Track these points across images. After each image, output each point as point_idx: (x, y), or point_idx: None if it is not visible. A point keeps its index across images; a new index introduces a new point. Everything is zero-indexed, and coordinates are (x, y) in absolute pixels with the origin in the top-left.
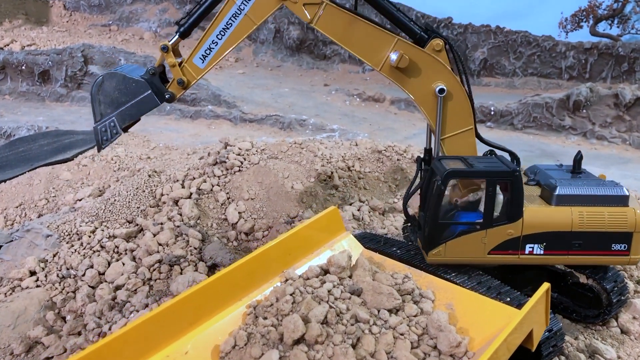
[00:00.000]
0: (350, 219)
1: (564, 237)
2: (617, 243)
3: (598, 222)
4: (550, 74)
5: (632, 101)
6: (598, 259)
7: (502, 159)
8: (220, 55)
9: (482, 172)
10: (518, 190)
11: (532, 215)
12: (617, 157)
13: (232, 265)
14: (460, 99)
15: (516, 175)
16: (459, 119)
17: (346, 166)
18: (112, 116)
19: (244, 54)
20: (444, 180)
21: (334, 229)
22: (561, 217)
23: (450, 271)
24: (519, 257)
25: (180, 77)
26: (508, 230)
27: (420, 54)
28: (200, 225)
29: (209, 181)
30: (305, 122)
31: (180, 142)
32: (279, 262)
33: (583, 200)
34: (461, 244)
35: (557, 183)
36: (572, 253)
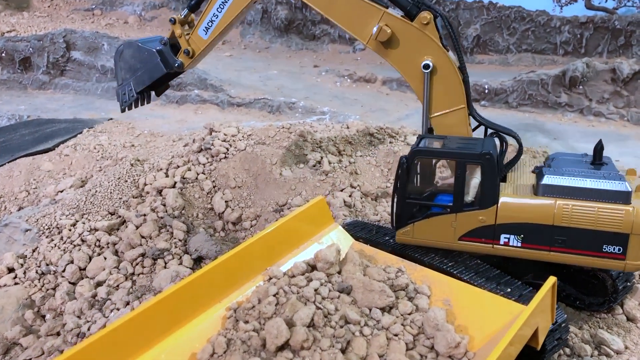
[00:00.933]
0: (341, 205)
1: (544, 231)
2: (609, 245)
3: (586, 219)
4: (545, 50)
5: (630, 76)
6: (585, 260)
7: (485, 141)
8: (221, 28)
9: (450, 153)
10: (489, 174)
11: (508, 203)
12: (615, 133)
13: (211, 264)
14: (450, 76)
15: (487, 159)
16: (449, 97)
17: (337, 150)
18: (130, 80)
19: (231, 36)
20: (409, 158)
21: (321, 221)
22: (541, 209)
23: (447, 261)
24: (492, 247)
25: (186, 47)
26: (479, 217)
27: (407, 28)
28: (185, 215)
29: (194, 169)
30: (295, 104)
31: (166, 129)
32: (262, 258)
33: (572, 193)
34: (430, 226)
35: (546, 172)
36: (554, 250)
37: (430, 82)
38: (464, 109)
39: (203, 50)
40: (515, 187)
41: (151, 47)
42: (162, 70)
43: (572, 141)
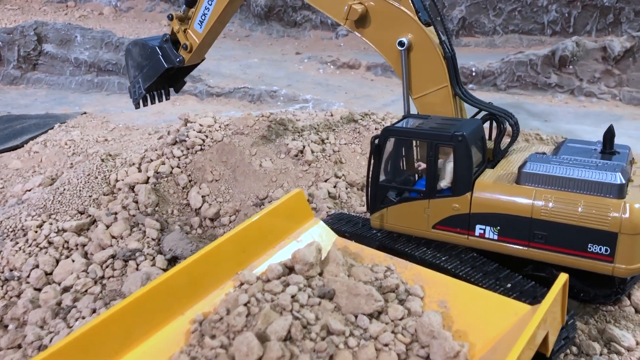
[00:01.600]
0: (325, 197)
1: (522, 224)
2: (595, 244)
3: (569, 213)
4: (532, 30)
5: (622, 54)
6: (568, 260)
7: (466, 122)
8: (214, 20)
9: (422, 133)
10: (462, 158)
11: (483, 190)
12: (608, 114)
13: (173, 270)
14: (428, 53)
15: (459, 141)
16: (430, 76)
17: (319, 139)
18: (138, 77)
19: None
20: (380, 137)
21: (299, 216)
22: (519, 199)
23: (440, 255)
24: (467, 238)
25: (184, 41)
26: (453, 205)
27: (381, 4)
28: (159, 212)
29: (168, 163)
30: (276, 93)
31: (142, 122)
32: (232, 261)
33: (555, 183)
34: (403, 212)
35: (531, 158)
36: (533, 245)
37: (408, 60)
38: (447, 87)
39: (201, 43)
40: (500, 174)
41: (154, 44)
42: (163, 65)
43: (563, 123)
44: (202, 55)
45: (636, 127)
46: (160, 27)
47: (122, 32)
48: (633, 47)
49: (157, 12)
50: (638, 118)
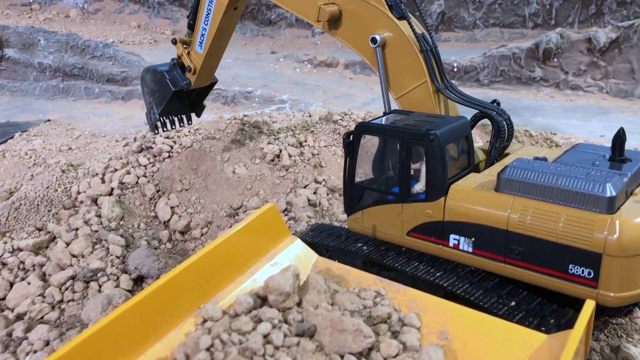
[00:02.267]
0: (304, 205)
1: (498, 237)
2: (577, 265)
3: (548, 227)
4: (513, 23)
5: (607, 45)
6: (546, 281)
7: (446, 120)
8: (211, 39)
9: (394, 130)
10: (435, 160)
11: (457, 196)
12: (596, 107)
13: (123, 306)
14: (404, 48)
15: (430, 140)
16: (407, 72)
17: (297, 142)
18: (152, 103)
19: (181, 26)
20: (353, 134)
21: (273, 235)
22: (494, 208)
23: (434, 271)
24: (441, 248)
25: (188, 64)
26: (426, 210)
27: (351, 2)
28: (124, 227)
29: (134, 172)
30: (252, 94)
31: (110, 128)
32: (194, 293)
33: (536, 192)
34: (378, 215)
35: (515, 163)
36: (510, 262)
37: (384, 56)
38: (426, 83)
39: (203, 64)
40: (484, 180)
41: (162, 69)
42: (170, 89)
43: (551, 118)
44: (210, 76)
45: (626, 120)
46: (130, 28)
47: (89, 35)
48: (618, 38)
49: (126, 14)
50: (627, 111)
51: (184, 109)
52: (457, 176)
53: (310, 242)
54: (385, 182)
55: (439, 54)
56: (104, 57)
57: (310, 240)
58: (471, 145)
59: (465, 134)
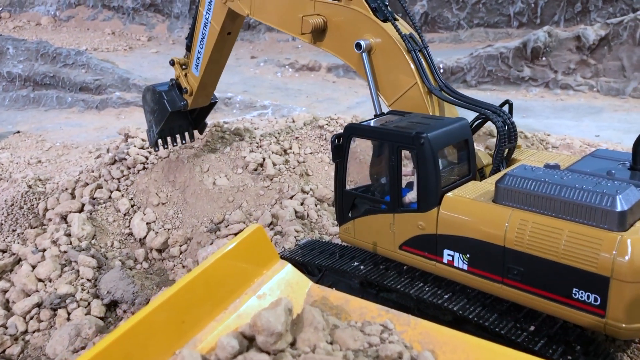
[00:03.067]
0: (291, 218)
1: (495, 254)
2: (582, 289)
3: (548, 244)
4: (498, 23)
5: (596, 42)
6: (547, 306)
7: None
8: (206, 61)
9: (383, 133)
10: (426, 165)
11: (451, 207)
12: (587, 106)
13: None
14: (390, 50)
15: (420, 144)
16: (397, 75)
17: (281, 149)
18: (152, 122)
19: (157, 32)
20: (342, 137)
21: (260, 260)
22: (491, 221)
23: (441, 293)
24: (435, 265)
25: (185, 85)
26: (418, 222)
27: (332, 9)
28: (96, 246)
29: (106, 186)
30: (231, 100)
31: (83, 139)
32: (168, 336)
33: (536, 203)
34: (370, 226)
35: (515, 170)
36: (508, 283)
37: (371, 61)
38: (417, 85)
39: (200, 86)
40: (484, 189)
41: (161, 89)
42: (167, 110)
43: (542, 118)
44: (209, 97)
45: (620, 119)
46: (104, 35)
47: (61, 43)
48: (608, 35)
49: (99, 21)
50: (619, 109)
51: (185, 126)
52: (454, 184)
53: (300, 261)
54: (377, 190)
55: (429, 53)
56: (76, 65)
57: (300, 260)
58: (471, 151)
59: (464, 138)
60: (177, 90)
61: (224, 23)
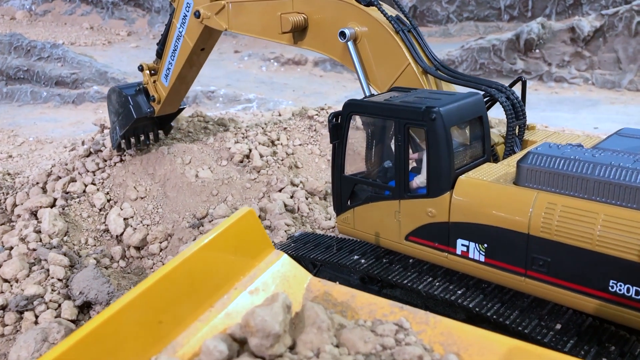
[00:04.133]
0: (281, 211)
1: (517, 243)
2: (621, 281)
3: (581, 231)
4: (488, 16)
5: (591, 34)
6: (579, 301)
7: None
8: (177, 74)
9: (388, 109)
10: (438, 144)
11: (466, 191)
12: (584, 99)
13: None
14: (378, 33)
15: (432, 120)
16: (388, 59)
17: (269, 140)
18: (115, 123)
19: (138, 26)
20: (341, 115)
21: (251, 249)
22: (512, 206)
23: (454, 288)
24: (447, 257)
25: (153, 93)
26: (428, 209)
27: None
28: (69, 243)
29: (81, 180)
30: (215, 93)
31: (58, 134)
32: (142, 339)
33: (565, 184)
34: (372, 215)
35: (537, 148)
36: (532, 275)
37: (358, 50)
38: (410, 66)
39: (168, 95)
40: (501, 171)
41: (127, 93)
42: (132, 116)
43: (538, 111)
44: (177, 106)
45: (617, 111)
46: (82, 30)
47: (36, 37)
48: (603, 27)
49: (77, 15)
50: (616, 102)
51: (150, 126)
52: (467, 166)
53: (294, 255)
54: (380, 174)
55: (420, 33)
56: (52, 59)
57: (293, 254)
58: (486, 129)
59: (478, 114)
60: (144, 96)
61: (198, 40)
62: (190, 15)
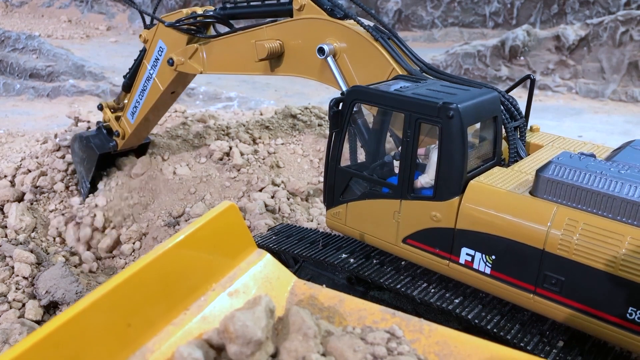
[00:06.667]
0: (262, 211)
1: (530, 258)
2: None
3: (603, 252)
4: (473, 23)
5: (576, 43)
6: (592, 326)
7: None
8: (144, 113)
9: (399, 100)
10: (453, 144)
11: (477, 197)
12: (567, 108)
13: None
14: (358, 44)
15: (449, 117)
16: (371, 70)
17: (250, 138)
18: (83, 172)
19: (117, 21)
20: (343, 101)
21: (232, 247)
22: (528, 218)
23: (450, 296)
24: (448, 265)
25: (117, 129)
26: (433, 213)
27: (288, 28)
28: (36, 240)
29: (51, 174)
30: (194, 91)
31: (30, 127)
32: (108, 343)
33: (589, 201)
34: (367, 212)
35: (559, 157)
36: (542, 294)
37: (340, 65)
38: (395, 70)
39: (134, 131)
40: (514, 178)
41: (88, 134)
42: (96, 154)
43: None
44: (141, 139)
45: (601, 120)
46: (59, 23)
47: (11, 28)
48: (588, 36)
49: (55, 8)
50: (600, 111)
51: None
52: (477, 170)
53: (275, 249)
54: (381, 169)
55: (400, 39)
56: (27, 50)
57: (274, 247)
58: (499, 130)
59: (493, 114)
60: (104, 133)
61: (170, 85)
62: (162, 60)
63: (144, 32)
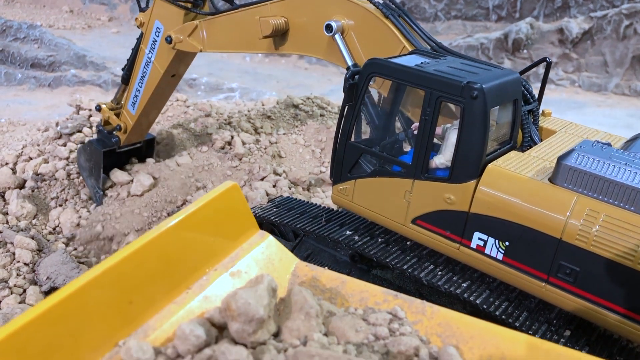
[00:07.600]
0: (263, 200)
1: (545, 246)
2: None
3: (623, 245)
4: (476, 16)
5: (580, 36)
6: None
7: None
8: (145, 101)
9: (420, 76)
10: (475, 125)
11: (495, 181)
12: (570, 101)
13: None
14: (367, 21)
15: (473, 97)
16: (382, 45)
17: (252, 127)
18: (92, 181)
19: (119, 12)
20: (360, 74)
21: (234, 228)
22: (546, 206)
23: (458, 279)
24: (458, 248)
25: (118, 123)
26: (447, 195)
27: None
28: (37, 227)
29: (53, 162)
30: (196, 81)
31: (32, 116)
32: (109, 321)
33: (611, 192)
34: (376, 190)
35: (582, 145)
36: (555, 283)
37: (348, 42)
38: (405, 49)
39: (136, 123)
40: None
41: (88, 140)
42: (100, 152)
43: None
44: (143, 134)
45: (604, 114)
46: (61, 13)
47: (13, 17)
48: (591, 29)
49: None
50: (602, 105)
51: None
52: (494, 153)
53: (275, 222)
54: (393, 147)
55: (411, 17)
56: (28, 40)
57: (274, 220)
58: (518, 114)
59: (514, 97)
60: (105, 133)
61: (169, 66)
62: (160, 40)
63: (140, 15)
